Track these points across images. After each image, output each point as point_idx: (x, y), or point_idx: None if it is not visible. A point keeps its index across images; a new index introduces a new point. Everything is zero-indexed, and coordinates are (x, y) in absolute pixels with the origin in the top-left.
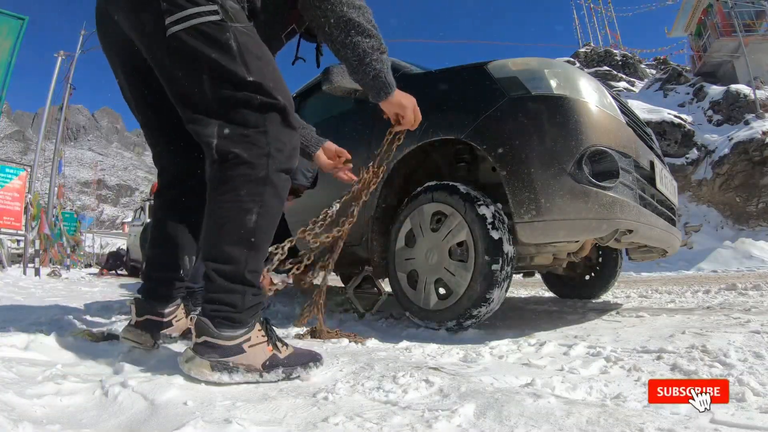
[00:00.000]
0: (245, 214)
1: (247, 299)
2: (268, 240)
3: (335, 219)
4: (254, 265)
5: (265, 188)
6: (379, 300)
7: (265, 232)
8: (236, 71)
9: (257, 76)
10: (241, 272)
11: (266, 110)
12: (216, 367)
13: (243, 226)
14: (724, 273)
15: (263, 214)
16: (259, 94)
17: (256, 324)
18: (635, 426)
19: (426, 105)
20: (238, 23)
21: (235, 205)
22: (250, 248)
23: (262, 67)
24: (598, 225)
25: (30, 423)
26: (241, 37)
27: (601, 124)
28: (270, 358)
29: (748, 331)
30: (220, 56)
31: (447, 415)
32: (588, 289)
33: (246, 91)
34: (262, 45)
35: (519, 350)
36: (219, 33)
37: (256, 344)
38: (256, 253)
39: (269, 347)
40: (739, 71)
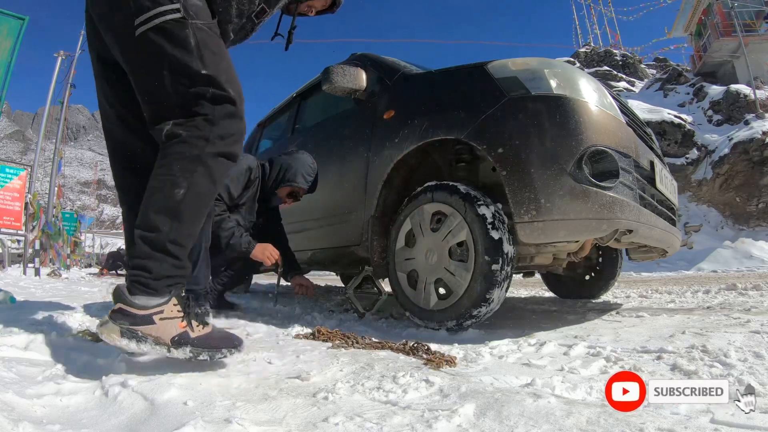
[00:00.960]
0: (173, 187)
1: (164, 267)
2: (195, 217)
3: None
4: (177, 237)
5: (197, 167)
6: (379, 300)
7: (192, 208)
8: (192, 65)
9: (211, 70)
10: (162, 241)
11: (217, 101)
12: (125, 333)
13: (170, 197)
14: (724, 273)
15: (191, 189)
16: (212, 87)
17: (173, 298)
18: (635, 426)
19: (426, 105)
20: (199, 20)
21: (166, 178)
22: (174, 219)
23: (217, 62)
24: (598, 225)
25: (30, 423)
26: (199, 33)
27: (601, 124)
28: (180, 335)
29: (748, 331)
30: (178, 52)
31: (447, 415)
32: (588, 289)
33: (200, 84)
34: (220, 41)
35: (519, 350)
36: (179, 30)
37: (167, 318)
38: (180, 225)
39: (182, 323)
40: (739, 71)
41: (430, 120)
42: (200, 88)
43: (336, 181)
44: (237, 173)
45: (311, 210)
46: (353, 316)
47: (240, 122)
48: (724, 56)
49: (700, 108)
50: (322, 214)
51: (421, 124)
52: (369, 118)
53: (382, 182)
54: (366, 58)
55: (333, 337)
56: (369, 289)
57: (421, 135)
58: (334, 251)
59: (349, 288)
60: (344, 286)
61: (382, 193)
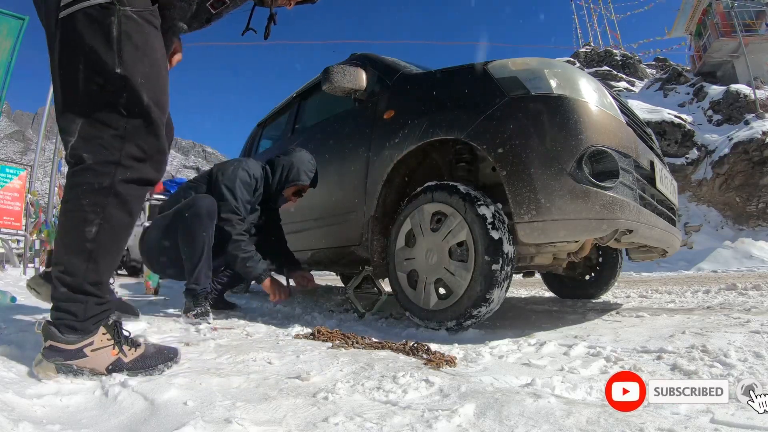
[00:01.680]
0: (85, 225)
1: (88, 309)
2: (111, 253)
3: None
4: (94, 277)
5: (108, 199)
6: (379, 300)
7: (107, 244)
8: (107, 61)
9: (127, 70)
10: (80, 284)
11: (130, 111)
12: (61, 369)
13: (82, 237)
14: (724, 273)
15: (105, 226)
16: (125, 91)
17: (100, 328)
18: (635, 426)
19: (426, 105)
20: (130, 7)
21: (76, 215)
22: (89, 260)
23: (136, 60)
24: (598, 225)
25: (30, 423)
26: (126, 23)
27: (601, 124)
28: (114, 362)
29: (748, 331)
30: (96, 42)
31: (447, 415)
32: (588, 289)
33: (113, 86)
34: (151, 34)
35: (519, 350)
36: (104, 17)
37: (99, 348)
38: (96, 266)
39: (113, 351)
40: (739, 71)
41: (430, 120)
42: (113, 90)
43: (336, 181)
44: (246, 185)
45: (311, 210)
46: (353, 316)
47: (156, 140)
48: (724, 56)
49: (700, 108)
50: (322, 214)
51: (421, 124)
52: (369, 118)
53: (382, 182)
54: (366, 58)
55: (333, 337)
56: (369, 289)
57: (421, 135)
58: (334, 251)
59: (349, 288)
60: (344, 286)
61: (382, 193)
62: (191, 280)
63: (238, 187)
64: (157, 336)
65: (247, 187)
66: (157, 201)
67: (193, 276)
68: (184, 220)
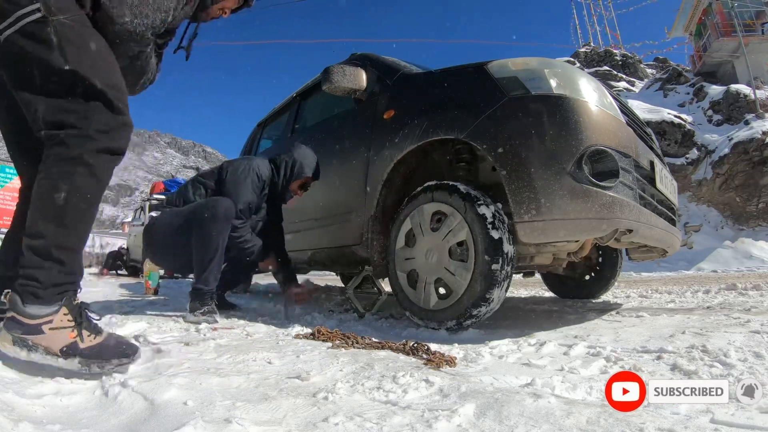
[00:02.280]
0: (54, 191)
1: (51, 275)
2: (81, 219)
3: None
4: (63, 242)
5: (77, 167)
6: (379, 300)
7: (76, 210)
8: (54, 62)
9: (74, 65)
10: (48, 247)
11: (88, 95)
12: (17, 342)
13: (52, 202)
14: (724, 273)
15: (73, 192)
16: (79, 81)
17: (63, 308)
18: (635, 426)
19: (426, 105)
20: (61, 15)
21: (46, 182)
22: (59, 225)
23: (80, 56)
24: (598, 225)
25: (30, 423)
26: (61, 29)
27: (601, 123)
28: (69, 345)
29: (748, 331)
30: (41, 51)
31: (447, 415)
32: (588, 289)
33: (66, 80)
34: (84, 34)
35: (519, 350)
36: (40, 30)
37: (57, 328)
38: (66, 230)
39: (72, 333)
40: (739, 71)
41: (430, 120)
42: (69, 84)
43: (336, 181)
44: (254, 186)
45: (311, 210)
46: (353, 316)
47: (118, 116)
48: (724, 56)
49: (700, 108)
50: (322, 214)
51: (421, 123)
52: (369, 118)
53: (382, 182)
54: (366, 58)
55: (333, 337)
56: (369, 289)
57: (421, 135)
58: (335, 251)
59: (349, 288)
60: (344, 286)
61: (382, 193)
62: (200, 280)
63: (244, 190)
64: (157, 336)
65: (254, 188)
66: (157, 201)
67: (203, 276)
68: (201, 220)
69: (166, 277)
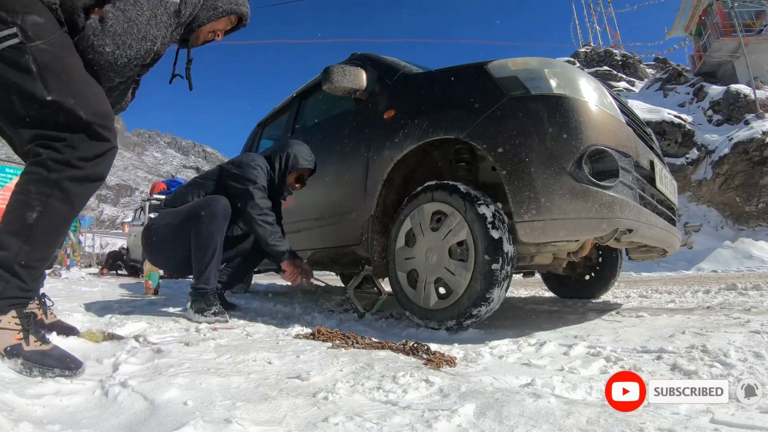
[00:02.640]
0: (27, 209)
1: (8, 288)
2: (48, 242)
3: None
4: (26, 260)
5: (53, 191)
6: (379, 300)
7: (45, 232)
8: (35, 92)
9: (57, 95)
10: (10, 262)
11: (71, 126)
12: None
13: (22, 219)
14: (724, 273)
15: (45, 214)
16: (62, 112)
17: (12, 311)
18: (635, 426)
19: (426, 104)
20: (40, 40)
21: (21, 198)
22: (26, 242)
23: (62, 85)
24: (598, 224)
25: (30, 423)
26: (41, 56)
27: (601, 123)
28: (14, 346)
29: (748, 331)
30: (21, 79)
31: (447, 415)
32: (588, 289)
33: (49, 110)
34: (64, 58)
35: (519, 350)
36: (18, 56)
37: (4, 328)
38: (31, 249)
39: (18, 335)
40: (739, 71)
41: (430, 119)
42: (50, 113)
43: (336, 181)
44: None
45: (311, 210)
46: (353, 316)
47: (103, 143)
48: (724, 56)
49: (700, 108)
50: (322, 214)
51: (421, 123)
52: (369, 118)
53: (382, 182)
54: (366, 58)
55: (333, 337)
56: (369, 288)
57: (421, 134)
58: (335, 251)
59: (349, 288)
60: (344, 285)
61: (382, 193)
62: (201, 280)
63: (259, 172)
64: (157, 336)
65: (264, 173)
66: (157, 201)
67: (203, 276)
68: (198, 220)
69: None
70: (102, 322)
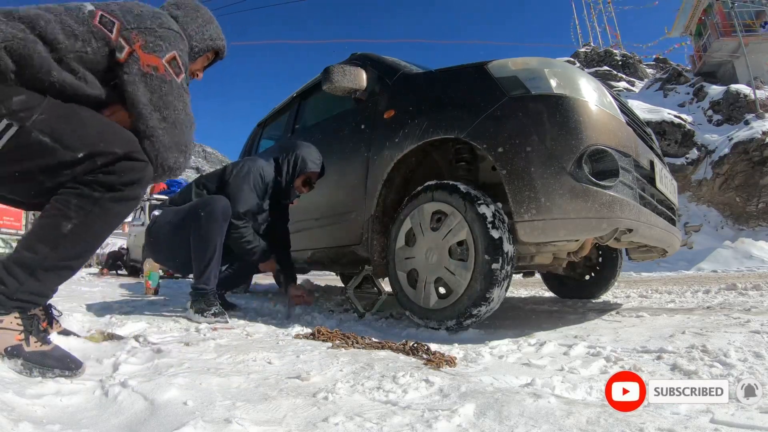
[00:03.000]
0: (63, 219)
1: (20, 291)
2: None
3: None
4: (50, 266)
5: (94, 207)
6: (379, 300)
7: (75, 244)
8: (65, 159)
9: (87, 148)
10: (35, 265)
11: (111, 162)
12: None
13: (57, 228)
14: (724, 273)
15: (80, 227)
16: (98, 157)
17: (15, 311)
18: (635, 426)
19: (426, 104)
20: (35, 113)
21: (59, 207)
22: (53, 249)
23: (84, 137)
24: (598, 224)
25: (30, 423)
26: (45, 125)
27: (600, 123)
28: (14, 347)
29: (748, 331)
30: (42, 157)
31: (447, 415)
32: (588, 289)
33: (87, 162)
34: (67, 115)
35: (519, 350)
36: (26, 139)
37: (5, 329)
38: (57, 257)
39: (19, 336)
40: (739, 71)
41: (430, 119)
42: (89, 164)
43: (336, 181)
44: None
45: (311, 209)
46: (353, 316)
47: (143, 168)
48: (724, 56)
49: (700, 108)
50: (322, 214)
51: (422, 123)
52: (369, 118)
53: (383, 181)
54: (366, 58)
55: (333, 337)
56: (369, 288)
57: (421, 134)
58: (335, 251)
59: (349, 288)
60: (344, 286)
61: (382, 193)
62: (201, 280)
63: (246, 193)
64: (157, 336)
65: (257, 190)
66: (156, 201)
67: (204, 276)
68: (198, 220)
69: (166, 277)
70: (102, 322)
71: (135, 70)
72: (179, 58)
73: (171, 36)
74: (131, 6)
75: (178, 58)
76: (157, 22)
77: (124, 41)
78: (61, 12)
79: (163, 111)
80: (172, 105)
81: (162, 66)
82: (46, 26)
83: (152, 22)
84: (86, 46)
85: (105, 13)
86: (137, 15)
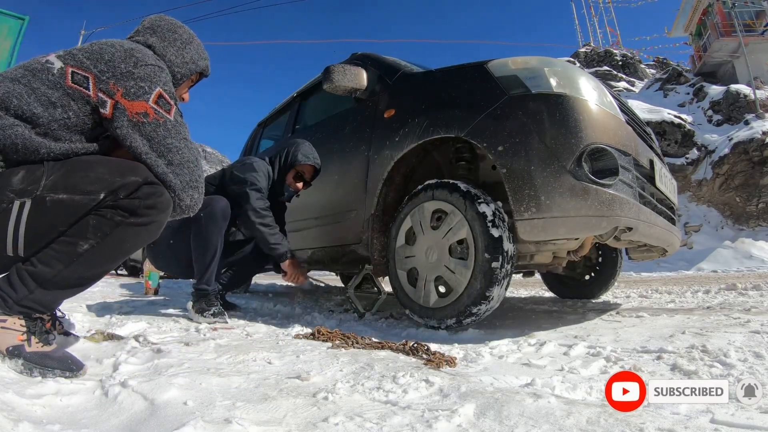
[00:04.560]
0: (81, 240)
1: (28, 299)
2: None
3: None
4: (62, 283)
5: (113, 231)
6: (379, 299)
7: (89, 265)
8: (87, 205)
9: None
10: (46, 279)
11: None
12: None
13: (73, 246)
14: (724, 273)
15: (97, 249)
16: (120, 191)
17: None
18: (635, 426)
19: (426, 104)
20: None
21: (78, 229)
22: (66, 267)
23: (98, 180)
24: (597, 222)
25: (30, 423)
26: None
27: (600, 122)
28: (16, 347)
29: (748, 331)
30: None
31: (447, 415)
32: (588, 289)
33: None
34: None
35: (519, 350)
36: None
37: (8, 329)
38: (70, 274)
39: (21, 336)
40: (739, 71)
41: (431, 119)
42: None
43: (336, 180)
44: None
45: (311, 209)
46: (353, 316)
47: (163, 192)
48: (724, 56)
49: (700, 108)
50: (322, 213)
51: (422, 122)
52: (369, 117)
53: (383, 181)
54: (367, 58)
55: (333, 337)
56: (369, 288)
57: (421, 133)
58: (335, 250)
59: (349, 287)
60: (344, 285)
61: (382, 192)
62: (202, 280)
63: (257, 173)
64: (157, 336)
65: (263, 175)
66: None
67: (205, 277)
68: (197, 221)
69: (166, 277)
70: (102, 322)
71: (125, 123)
72: (165, 93)
73: (150, 73)
74: (99, 51)
75: (164, 93)
76: (131, 62)
77: (104, 95)
78: (29, 79)
79: (167, 156)
80: (174, 147)
81: (151, 110)
82: (20, 103)
83: (126, 65)
84: (67, 111)
85: (76, 69)
86: (108, 61)
